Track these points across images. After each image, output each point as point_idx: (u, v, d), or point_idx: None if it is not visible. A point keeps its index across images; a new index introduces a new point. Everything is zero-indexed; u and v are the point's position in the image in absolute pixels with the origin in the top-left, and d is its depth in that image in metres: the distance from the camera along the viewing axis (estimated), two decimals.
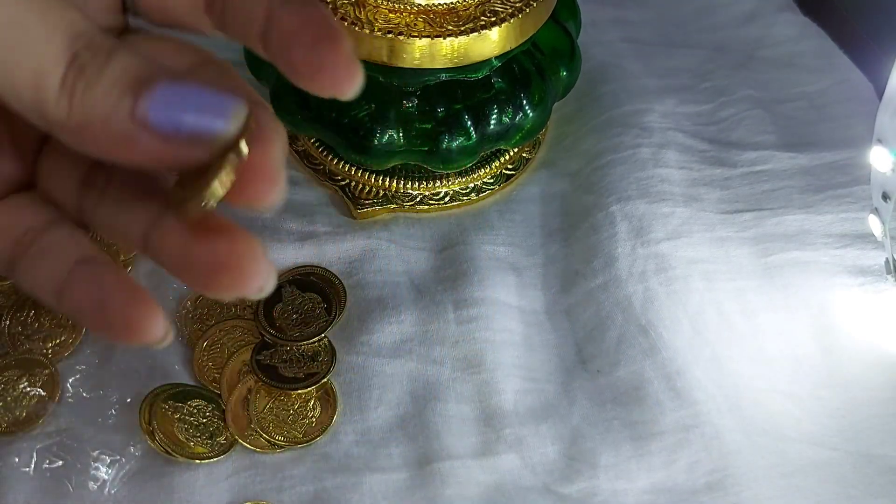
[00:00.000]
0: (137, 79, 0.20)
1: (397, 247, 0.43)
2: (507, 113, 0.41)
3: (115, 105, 0.20)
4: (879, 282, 0.42)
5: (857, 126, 0.49)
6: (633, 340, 0.39)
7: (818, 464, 0.36)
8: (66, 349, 0.38)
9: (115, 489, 0.35)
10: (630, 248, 0.42)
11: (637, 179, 0.45)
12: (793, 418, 0.38)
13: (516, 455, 0.36)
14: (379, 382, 0.38)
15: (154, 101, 0.20)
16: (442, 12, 0.38)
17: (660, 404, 0.37)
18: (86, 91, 0.20)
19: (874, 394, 0.39)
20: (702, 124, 0.49)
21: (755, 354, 0.40)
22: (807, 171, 0.47)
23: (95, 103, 0.20)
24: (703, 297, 0.41)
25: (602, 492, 0.35)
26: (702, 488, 0.36)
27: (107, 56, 0.20)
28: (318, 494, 0.35)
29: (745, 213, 0.44)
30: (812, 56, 0.53)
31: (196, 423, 0.36)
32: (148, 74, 0.20)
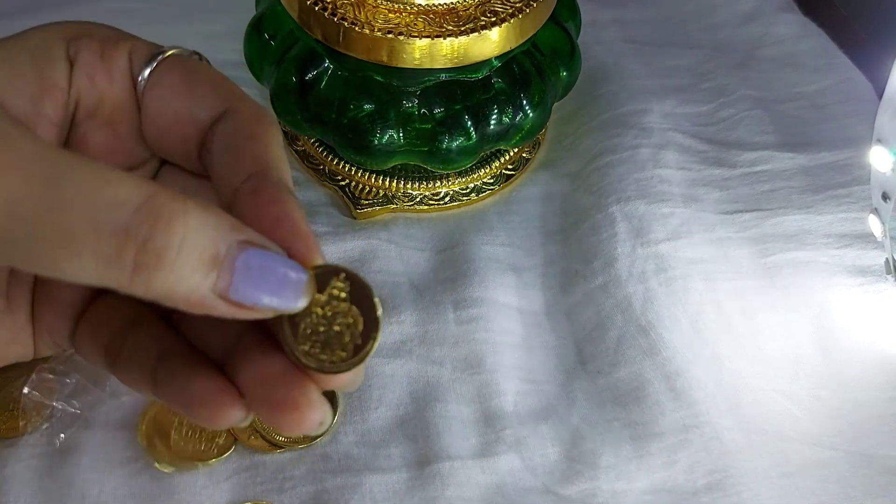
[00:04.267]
0: (213, 255, 0.20)
1: (397, 247, 0.43)
2: (507, 113, 0.41)
3: (196, 285, 0.20)
4: (879, 282, 0.42)
5: (856, 126, 0.49)
6: (632, 341, 0.39)
7: (818, 464, 0.36)
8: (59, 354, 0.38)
9: (117, 490, 0.35)
10: (630, 249, 0.42)
11: (637, 180, 0.45)
12: (792, 418, 0.38)
13: (516, 456, 0.36)
14: (379, 383, 0.38)
15: (234, 279, 0.21)
16: (442, 12, 0.38)
17: (659, 405, 0.37)
18: (161, 272, 0.20)
19: (874, 394, 0.39)
20: (701, 124, 0.49)
21: (755, 354, 0.40)
22: (806, 171, 0.47)
23: (174, 284, 0.20)
24: (702, 297, 0.41)
25: (602, 493, 0.35)
26: (702, 489, 0.36)
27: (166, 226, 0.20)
28: (318, 495, 0.35)
29: (745, 214, 0.44)
30: (812, 56, 0.53)
31: (194, 426, 0.36)
32: (220, 243, 0.21)
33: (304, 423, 0.22)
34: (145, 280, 0.20)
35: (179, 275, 0.20)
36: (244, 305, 0.21)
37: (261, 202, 0.23)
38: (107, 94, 0.26)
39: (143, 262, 0.20)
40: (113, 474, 0.35)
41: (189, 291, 0.20)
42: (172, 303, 0.21)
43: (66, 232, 0.19)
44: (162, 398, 0.24)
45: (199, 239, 0.20)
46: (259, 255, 0.21)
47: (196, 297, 0.21)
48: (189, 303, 0.21)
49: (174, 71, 0.25)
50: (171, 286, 0.20)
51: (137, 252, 0.20)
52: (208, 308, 0.21)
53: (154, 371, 0.24)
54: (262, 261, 0.21)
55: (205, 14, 0.52)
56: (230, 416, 0.22)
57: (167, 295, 0.20)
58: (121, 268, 0.20)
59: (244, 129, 0.25)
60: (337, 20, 0.38)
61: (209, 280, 0.20)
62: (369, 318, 0.23)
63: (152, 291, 0.20)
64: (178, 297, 0.21)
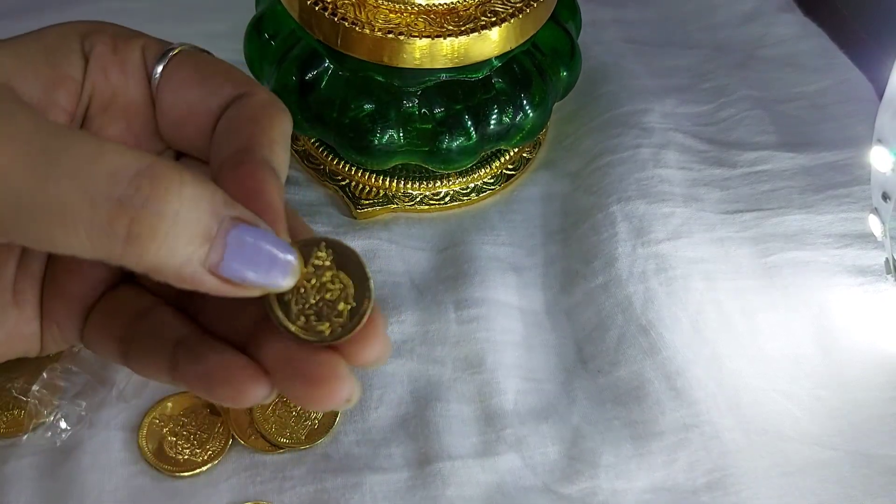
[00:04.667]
0: (208, 231, 0.21)
1: (398, 247, 0.43)
2: (508, 113, 0.41)
3: (190, 257, 0.20)
4: (879, 282, 0.42)
5: (856, 126, 0.49)
6: (633, 340, 0.39)
7: (818, 463, 0.36)
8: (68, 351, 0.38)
9: (117, 491, 0.35)
10: (630, 249, 0.42)
11: (637, 180, 0.45)
12: (792, 418, 0.38)
13: (517, 455, 0.36)
14: (380, 382, 0.38)
15: (225, 255, 0.21)
16: (442, 12, 0.38)
17: (660, 404, 0.37)
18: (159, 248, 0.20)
19: (874, 394, 0.39)
20: (702, 124, 0.49)
21: (755, 354, 0.40)
22: (807, 171, 0.47)
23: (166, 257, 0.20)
24: (703, 297, 0.41)
25: (602, 491, 0.35)
26: (701, 488, 0.36)
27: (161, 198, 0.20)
28: (318, 495, 0.35)
29: (745, 213, 0.44)
30: (812, 56, 0.53)
31: (186, 434, 0.36)
32: (218, 225, 0.21)
33: (333, 397, 0.22)
34: (138, 251, 0.20)
35: (172, 246, 0.20)
36: (233, 282, 0.21)
37: (237, 175, 0.23)
38: (120, 88, 0.26)
39: (137, 232, 0.20)
40: (113, 475, 0.35)
41: (181, 264, 0.20)
42: (163, 276, 0.21)
43: (61, 203, 0.20)
44: (181, 382, 0.24)
45: (193, 211, 0.20)
46: (250, 231, 0.21)
47: (187, 271, 0.21)
48: (180, 277, 0.21)
49: (185, 65, 0.26)
50: (163, 258, 0.20)
51: (131, 221, 0.20)
52: (198, 283, 0.21)
53: (172, 357, 0.24)
54: (253, 238, 0.21)
55: (205, 14, 0.52)
56: (255, 392, 0.23)
57: (159, 267, 0.20)
58: (114, 238, 0.20)
59: (249, 112, 0.25)
60: (337, 20, 0.38)
61: (201, 254, 0.21)
62: (359, 280, 0.23)
63: (144, 263, 0.20)
64: (169, 270, 0.21)
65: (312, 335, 0.23)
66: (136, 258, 0.20)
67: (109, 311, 0.26)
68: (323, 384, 0.22)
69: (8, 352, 0.27)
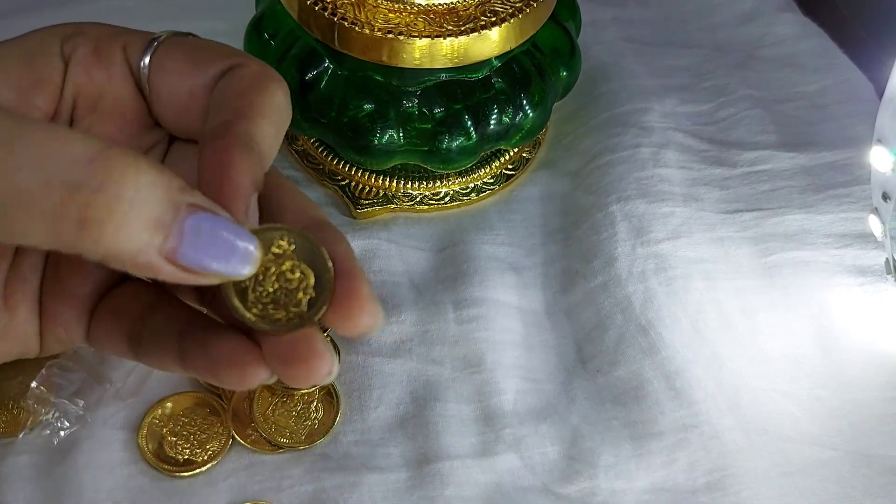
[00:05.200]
0: (163, 217, 0.20)
1: (397, 247, 0.43)
2: (507, 113, 0.41)
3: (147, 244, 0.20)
4: (879, 282, 0.42)
5: (857, 126, 0.49)
6: (632, 340, 0.39)
7: (818, 464, 0.36)
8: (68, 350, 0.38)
9: (115, 491, 0.34)
10: (630, 248, 0.42)
11: (637, 179, 0.45)
12: (792, 418, 0.38)
13: (516, 455, 0.36)
14: (379, 382, 0.38)
15: (182, 243, 0.21)
16: (442, 12, 0.38)
17: (659, 404, 0.37)
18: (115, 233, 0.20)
19: (874, 394, 0.39)
20: (702, 124, 0.49)
21: (755, 354, 0.40)
22: (807, 171, 0.47)
23: (122, 244, 0.20)
24: (702, 296, 0.41)
25: (601, 492, 0.35)
26: (701, 488, 0.36)
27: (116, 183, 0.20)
28: (317, 494, 0.35)
29: (745, 213, 0.44)
30: (812, 56, 0.53)
31: (186, 434, 0.36)
32: (170, 204, 0.21)
33: (312, 374, 0.23)
34: (93, 236, 0.20)
35: (128, 232, 0.20)
36: (191, 269, 0.21)
37: (209, 151, 0.23)
38: (106, 87, 0.26)
39: (91, 217, 0.20)
40: (113, 475, 0.35)
41: (137, 251, 0.20)
42: (121, 264, 0.21)
43: (21, 191, 0.19)
44: (191, 370, 0.24)
45: (148, 197, 0.20)
46: (207, 219, 0.21)
47: (144, 259, 0.20)
48: (136, 264, 0.21)
49: (174, 51, 0.26)
50: (119, 244, 0.20)
51: (85, 206, 0.19)
52: (155, 270, 0.21)
53: (180, 347, 0.24)
54: (210, 225, 0.21)
55: (205, 13, 0.52)
56: (255, 375, 0.23)
57: (115, 254, 0.20)
58: (69, 222, 0.20)
59: (237, 83, 0.25)
60: (337, 20, 0.38)
61: (157, 241, 0.20)
62: (320, 270, 0.23)
63: (100, 249, 0.20)
64: (126, 257, 0.20)
65: (267, 323, 0.23)
66: (92, 244, 0.20)
67: (115, 309, 0.26)
68: (303, 363, 0.22)
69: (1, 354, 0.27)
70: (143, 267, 0.21)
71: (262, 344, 0.23)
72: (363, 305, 0.23)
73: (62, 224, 0.20)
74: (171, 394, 0.37)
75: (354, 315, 0.23)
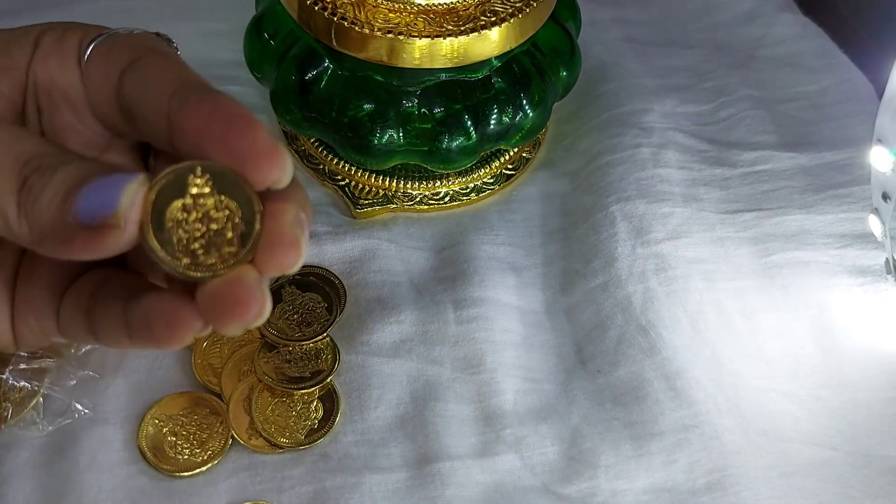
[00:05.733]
0: (70, 185, 0.22)
1: (397, 247, 0.43)
2: (507, 113, 0.41)
3: (56, 213, 0.22)
4: (879, 282, 0.42)
5: (856, 126, 0.49)
6: (632, 340, 0.39)
7: (818, 464, 0.36)
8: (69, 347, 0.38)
9: (115, 491, 0.34)
10: (630, 248, 0.42)
11: (637, 179, 0.45)
12: (792, 418, 0.38)
13: (516, 455, 0.36)
14: (379, 382, 0.38)
15: (78, 200, 0.22)
16: (442, 12, 0.38)
17: (659, 404, 0.37)
18: (33, 207, 0.22)
19: (874, 394, 0.39)
20: (702, 124, 0.49)
21: (755, 354, 0.40)
22: (807, 171, 0.47)
23: (41, 215, 0.22)
24: (702, 296, 0.41)
25: (602, 492, 0.35)
26: (701, 488, 0.36)
27: (52, 172, 0.22)
28: (317, 495, 0.35)
29: (745, 213, 0.44)
30: (812, 56, 0.53)
31: (185, 434, 0.36)
32: (80, 178, 0.22)
33: (242, 317, 0.22)
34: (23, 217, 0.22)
35: (41, 206, 0.22)
36: (87, 224, 0.22)
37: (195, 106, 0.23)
38: (56, 76, 0.26)
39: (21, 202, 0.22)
40: (112, 475, 0.35)
41: (52, 223, 0.22)
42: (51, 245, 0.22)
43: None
44: (135, 339, 0.24)
45: (60, 176, 0.22)
46: (102, 179, 0.22)
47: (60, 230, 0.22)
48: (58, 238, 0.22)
49: (103, 43, 0.26)
50: (38, 220, 0.22)
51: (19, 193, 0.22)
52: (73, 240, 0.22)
53: (125, 316, 0.24)
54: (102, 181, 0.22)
55: (205, 13, 0.52)
56: (186, 326, 0.23)
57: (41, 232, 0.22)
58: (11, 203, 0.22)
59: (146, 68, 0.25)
60: (337, 20, 0.38)
61: (63, 208, 0.22)
62: (244, 200, 0.22)
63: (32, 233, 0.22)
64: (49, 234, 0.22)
65: (203, 270, 0.22)
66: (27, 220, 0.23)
67: (78, 290, 0.26)
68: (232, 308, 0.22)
69: None
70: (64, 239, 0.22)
71: (197, 296, 0.23)
72: (284, 242, 0.22)
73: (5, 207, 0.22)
74: (171, 394, 0.37)
75: (277, 255, 0.22)
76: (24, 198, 0.22)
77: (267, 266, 0.23)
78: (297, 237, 0.23)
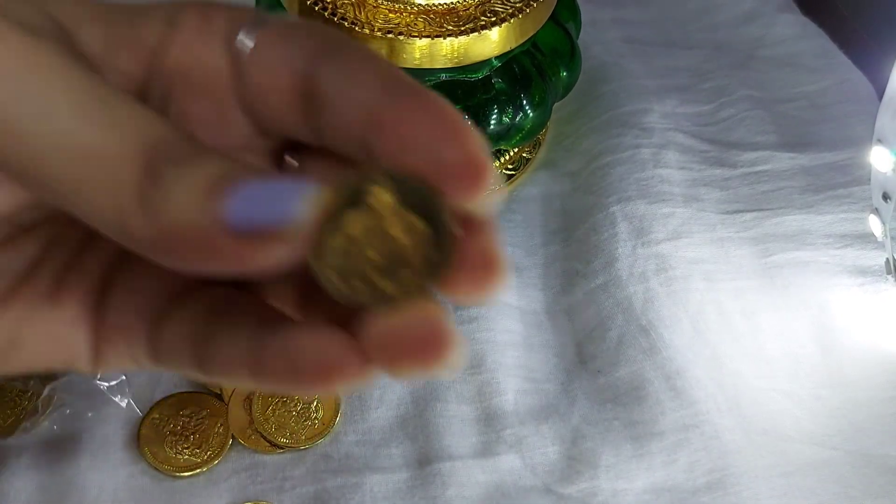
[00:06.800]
0: (213, 183, 0.18)
1: None
2: (507, 113, 0.41)
3: (193, 211, 0.18)
4: (879, 282, 0.42)
5: (857, 126, 0.49)
6: (633, 340, 0.39)
7: (818, 463, 0.36)
8: None
9: (117, 491, 0.34)
10: (630, 249, 0.42)
11: (637, 180, 0.45)
12: (793, 418, 0.38)
13: (517, 455, 0.36)
14: (379, 382, 0.38)
15: (231, 202, 0.18)
16: (442, 12, 0.38)
17: (660, 404, 0.37)
18: (161, 203, 0.18)
19: (874, 393, 0.39)
20: (702, 124, 0.49)
21: (755, 354, 0.40)
22: (807, 172, 0.47)
23: (170, 213, 0.18)
24: (703, 297, 0.41)
25: (602, 492, 0.35)
26: (702, 488, 0.35)
27: (189, 163, 0.19)
28: (318, 495, 0.35)
29: (746, 214, 0.44)
30: (812, 56, 0.53)
31: (186, 434, 0.36)
32: (224, 176, 0.18)
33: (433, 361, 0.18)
34: (145, 211, 0.18)
35: (174, 202, 0.18)
36: (242, 234, 0.18)
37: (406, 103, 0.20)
38: (200, 60, 0.23)
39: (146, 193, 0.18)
40: (113, 475, 0.35)
41: (185, 223, 0.18)
42: (177, 250, 0.19)
43: (99, 148, 0.19)
44: (265, 375, 0.20)
45: (199, 169, 0.19)
46: (258, 183, 0.18)
47: (195, 234, 0.18)
48: (191, 244, 0.18)
49: (268, 27, 0.23)
50: (166, 218, 0.18)
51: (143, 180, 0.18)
52: (213, 248, 0.18)
53: (252, 341, 0.20)
54: (260, 185, 0.18)
55: None
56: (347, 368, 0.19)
57: (167, 231, 0.18)
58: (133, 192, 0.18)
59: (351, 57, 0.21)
60: (337, 20, 0.38)
61: (204, 207, 0.18)
62: (436, 220, 0.18)
63: (153, 231, 0.19)
64: (177, 236, 0.18)
65: (373, 298, 0.18)
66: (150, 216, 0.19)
67: (184, 311, 0.23)
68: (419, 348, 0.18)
69: (41, 357, 0.24)
70: (199, 245, 0.18)
71: (364, 329, 0.19)
72: (491, 265, 0.19)
73: (127, 194, 0.19)
74: (172, 394, 0.37)
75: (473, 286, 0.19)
76: (149, 189, 0.18)
77: (459, 299, 0.19)
78: (499, 266, 0.19)
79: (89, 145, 0.19)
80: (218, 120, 0.23)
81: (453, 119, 0.19)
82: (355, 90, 0.20)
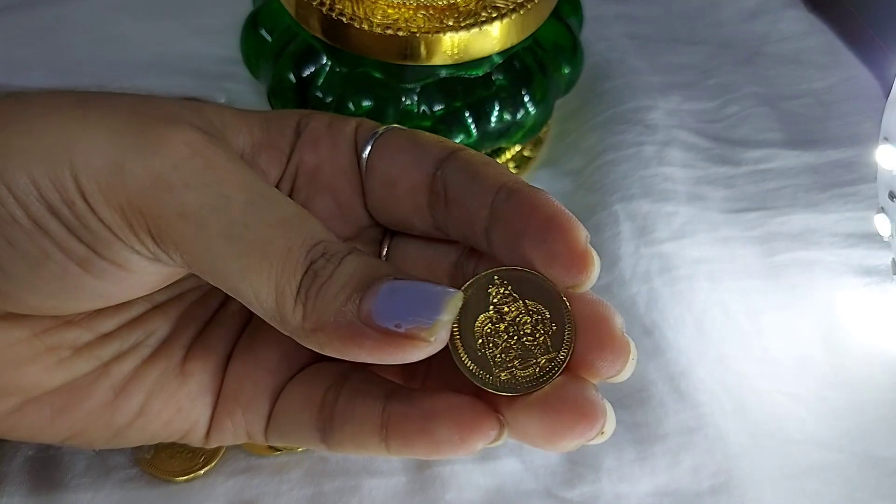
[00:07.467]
0: (363, 280, 0.21)
1: None
2: (509, 110, 0.41)
3: (343, 306, 0.21)
4: (886, 282, 0.41)
5: (863, 123, 0.48)
6: (636, 341, 0.39)
7: (823, 466, 0.36)
8: None
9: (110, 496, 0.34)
10: (634, 248, 0.42)
11: (641, 178, 0.44)
12: (798, 420, 0.37)
13: (517, 459, 0.36)
14: None
15: (377, 301, 0.21)
16: (442, 8, 0.38)
17: (663, 406, 0.37)
18: (318, 296, 0.21)
19: (880, 395, 0.38)
20: (706, 122, 0.49)
21: (760, 355, 0.39)
22: (812, 169, 0.46)
23: (326, 306, 0.21)
24: (707, 297, 0.40)
25: (605, 495, 0.35)
26: (706, 491, 0.35)
27: (339, 261, 0.22)
28: (315, 498, 0.34)
29: (750, 212, 0.44)
30: (818, 53, 0.53)
31: None
32: (373, 275, 0.21)
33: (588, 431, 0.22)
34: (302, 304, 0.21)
35: (327, 297, 0.21)
36: (389, 330, 0.21)
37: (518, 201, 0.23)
38: (328, 159, 0.27)
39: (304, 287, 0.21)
40: (107, 479, 0.35)
41: (336, 317, 0.21)
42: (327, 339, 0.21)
43: (264, 242, 0.21)
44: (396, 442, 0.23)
45: (349, 267, 0.22)
46: (403, 283, 0.21)
47: (344, 328, 0.21)
48: (340, 335, 0.21)
49: (395, 135, 0.26)
50: (320, 311, 0.21)
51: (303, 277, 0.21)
52: (359, 340, 0.21)
53: (383, 411, 0.23)
54: (405, 286, 0.21)
55: (201, 9, 0.52)
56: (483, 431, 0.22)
57: (319, 323, 0.21)
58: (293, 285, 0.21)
59: (474, 161, 0.25)
60: (335, 16, 0.37)
61: (352, 303, 0.21)
62: (549, 301, 0.21)
63: (307, 322, 0.21)
64: (328, 327, 0.21)
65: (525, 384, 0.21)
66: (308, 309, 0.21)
67: (304, 382, 0.25)
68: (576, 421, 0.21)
69: (163, 429, 0.27)
70: (347, 337, 0.21)
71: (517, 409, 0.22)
72: (614, 333, 0.22)
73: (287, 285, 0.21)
74: None
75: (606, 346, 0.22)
76: (307, 283, 0.21)
77: (592, 369, 0.22)
78: (621, 331, 0.23)
79: (260, 241, 0.22)
80: (339, 213, 0.27)
81: (561, 213, 0.23)
82: (477, 188, 0.24)
